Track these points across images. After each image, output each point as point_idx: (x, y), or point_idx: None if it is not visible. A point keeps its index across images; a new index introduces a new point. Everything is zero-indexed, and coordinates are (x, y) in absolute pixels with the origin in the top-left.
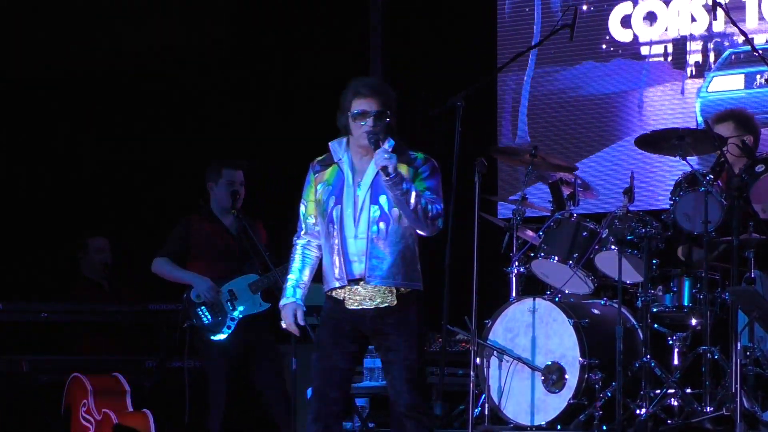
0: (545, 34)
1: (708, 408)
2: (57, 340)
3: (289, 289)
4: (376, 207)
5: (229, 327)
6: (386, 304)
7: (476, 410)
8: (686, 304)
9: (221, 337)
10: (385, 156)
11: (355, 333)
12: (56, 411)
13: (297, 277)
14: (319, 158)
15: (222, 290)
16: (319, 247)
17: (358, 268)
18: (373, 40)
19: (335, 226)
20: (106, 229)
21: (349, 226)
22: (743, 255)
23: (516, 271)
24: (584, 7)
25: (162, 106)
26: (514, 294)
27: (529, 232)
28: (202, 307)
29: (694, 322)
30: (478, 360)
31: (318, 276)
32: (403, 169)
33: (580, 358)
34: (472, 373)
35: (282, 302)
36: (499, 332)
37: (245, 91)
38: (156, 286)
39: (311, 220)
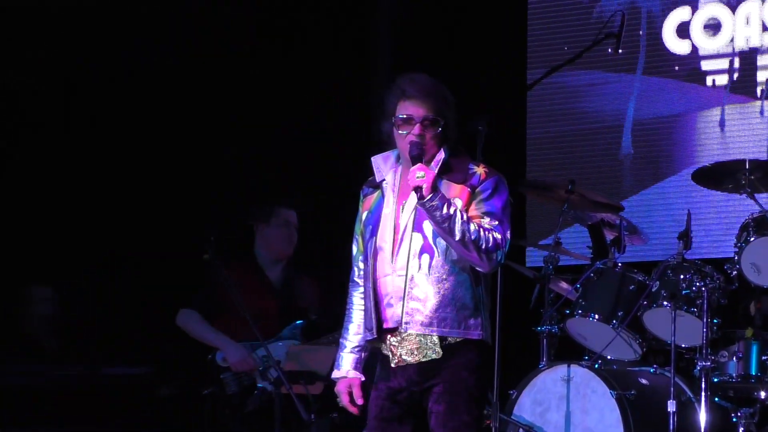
0: (585, 44)
1: None
2: None
3: (342, 357)
4: (419, 236)
5: (257, 400)
6: (430, 358)
7: None
8: (754, 373)
9: (246, 410)
10: (419, 174)
11: (401, 408)
12: None
13: (350, 339)
14: (370, 179)
15: (254, 356)
16: None
17: (394, 314)
18: (380, 51)
19: (369, 263)
20: (50, 276)
21: (385, 261)
22: None
23: (547, 332)
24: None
25: (129, 117)
26: (544, 359)
27: (564, 285)
28: (228, 373)
29: (763, 395)
30: None
31: None
32: (455, 190)
33: None
34: None
35: (334, 375)
36: (526, 405)
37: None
38: (113, 345)
39: (362, 259)
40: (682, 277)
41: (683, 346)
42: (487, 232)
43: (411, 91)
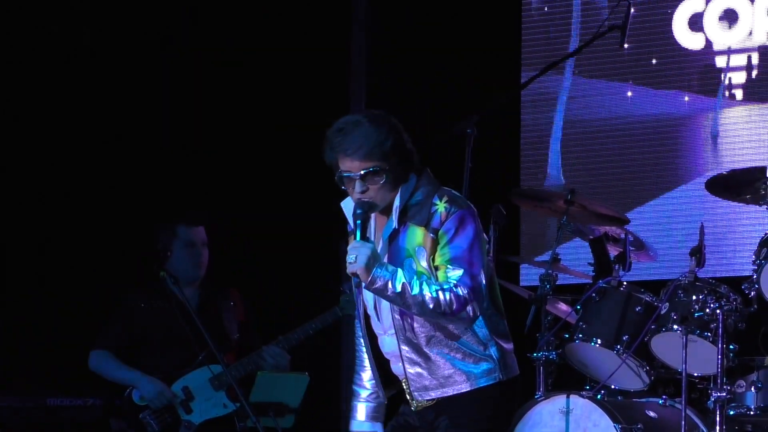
0: (586, 38)
1: None
2: None
3: (356, 408)
4: None
5: None
6: (447, 395)
7: None
8: None
9: None
10: (349, 260)
11: None
12: None
13: (364, 385)
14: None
15: (174, 388)
16: None
17: (399, 369)
18: (354, 43)
19: (363, 321)
20: None
21: (373, 319)
22: None
23: (544, 358)
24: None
25: (69, 116)
26: (541, 389)
27: (563, 306)
28: (147, 411)
29: None
30: None
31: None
32: (419, 236)
33: None
34: None
35: (351, 427)
36: None
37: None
38: (58, 374)
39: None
40: (694, 297)
41: (696, 374)
42: (447, 293)
43: (342, 145)
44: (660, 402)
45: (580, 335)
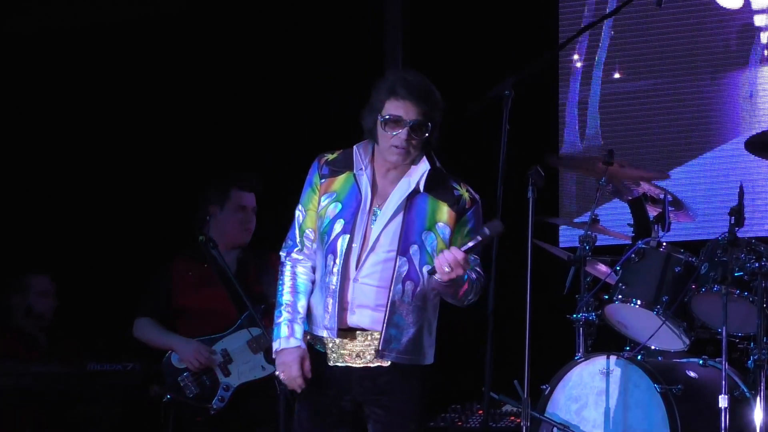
0: None
1: None
2: None
3: (283, 326)
4: (405, 260)
5: (221, 399)
6: (377, 364)
7: None
8: None
9: (211, 412)
10: (459, 273)
11: (343, 409)
12: None
13: (293, 308)
14: (331, 156)
15: (214, 349)
16: (314, 271)
17: (351, 319)
18: (389, 9)
19: (337, 261)
20: (42, 266)
21: (351, 264)
22: None
23: (584, 320)
24: None
25: (125, 106)
26: (581, 350)
27: (602, 267)
28: (186, 374)
29: None
30: None
31: None
32: (444, 213)
33: None
34: None
35: (277, 345)
36: (560, 402)
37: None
38: (97, 339)
39: (311, 236)
40: (734, 257)
41: (736, 334)
42: (481, 279)
43: (403, 91)
44: (700, 362)
45: (620, 296)
